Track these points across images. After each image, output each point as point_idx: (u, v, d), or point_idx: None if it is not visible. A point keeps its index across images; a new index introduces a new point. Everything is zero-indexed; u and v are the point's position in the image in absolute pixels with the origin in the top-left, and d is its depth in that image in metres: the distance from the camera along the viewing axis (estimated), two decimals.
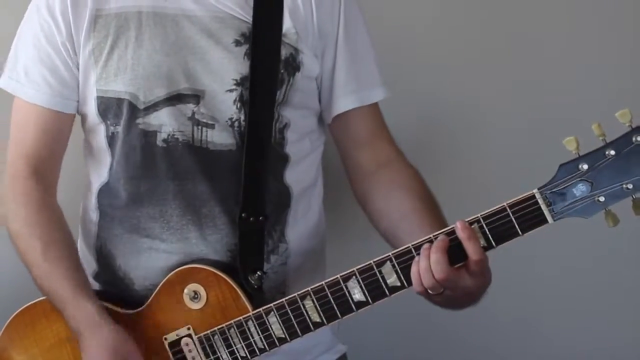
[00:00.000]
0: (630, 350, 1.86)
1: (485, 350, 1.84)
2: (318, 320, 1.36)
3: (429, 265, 1.28)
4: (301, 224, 1.53)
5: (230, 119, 1.45)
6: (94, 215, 1.54)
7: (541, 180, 1.27)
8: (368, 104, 1.53)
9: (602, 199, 1.24)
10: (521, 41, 1.80)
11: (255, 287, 1.43)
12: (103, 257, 1.53)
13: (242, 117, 1.45)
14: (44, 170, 1.52)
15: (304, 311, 1.36)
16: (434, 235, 1.30)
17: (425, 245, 1.30)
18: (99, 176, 1.53)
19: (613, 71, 1.80)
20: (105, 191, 1.52)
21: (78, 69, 1.48)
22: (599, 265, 1.82)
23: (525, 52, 1.80)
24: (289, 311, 1.37)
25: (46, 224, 1.47)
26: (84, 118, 1.53)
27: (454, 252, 1.29)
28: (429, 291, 1.30)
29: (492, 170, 1.74)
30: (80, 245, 1.59)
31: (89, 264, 1.56)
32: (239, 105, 1.45)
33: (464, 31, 1.80)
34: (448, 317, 1.79)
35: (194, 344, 1.42)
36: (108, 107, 1.47)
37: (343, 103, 1.52)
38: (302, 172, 1.53)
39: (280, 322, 1.38)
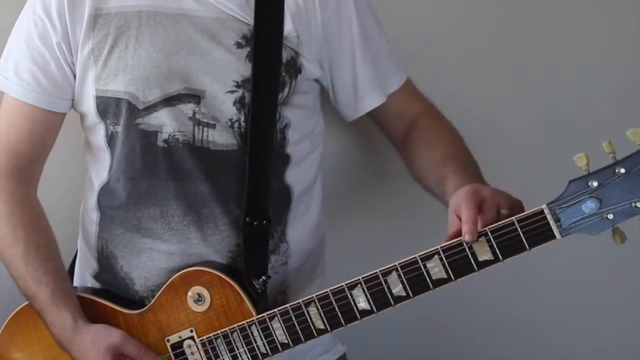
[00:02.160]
0: (632, 352, 1.87)
1: (486, 351, 1.85)
2: (322, 327, 1.36)
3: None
4: (301, 223, 1.53)
5: (230, 119, 1.44)
6: (95, 215, 1.53)
7: (549, 190, 1.27)
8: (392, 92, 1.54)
9: (610, 216, 1.24)
10: (528, 46, 1.78)
11: (260, 291, 1.43)
12: (104, 257, 1.52)
13: (242, 118, 1.44)
14: (28, 168, 1.50)
15: (308, 318, 1.36)
16: (441, 247, 1.30)
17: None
18: (99, 176, 1.52)
19: (622, 75, 1.79)
20: (105, 191, 1.51)
21: (72, 69, 1.47)
22: (601, 266, 1.83)
23: (533, 57, 1.78)
24: (292, 317, 1.37)
25: (30, 226, 1.47)
26: (82, 117, 1.52)
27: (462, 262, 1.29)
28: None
29: (498, 180, 1.73)
30: (81, 244, 1.59)
31: (89, 264, 1.56)
32: (238, 107, 1.44)
33: (470, 36, 1.78)
34: (449, 317, 1.81)
35: (197, 347, 1.42)
36: (107, 106, 1.46)
37: (370, 102, 1.54)
38: (303, 172, 1.53)
39: (283, 327, 1.38)
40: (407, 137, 1.55)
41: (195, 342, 1.42)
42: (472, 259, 1.29)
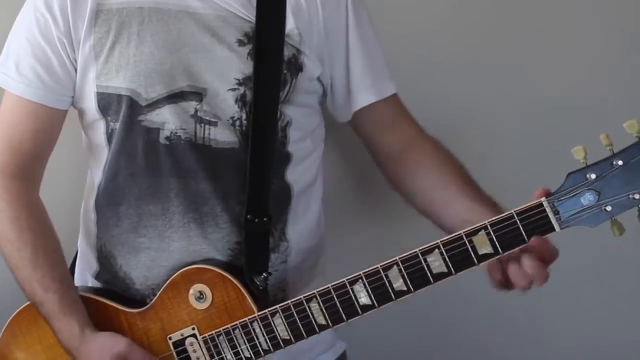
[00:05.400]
0: (631, 351, 1.88)
1: (486, 349, 1.85)
2: (323, 322, 1.37)
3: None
4: (301, 222, 1.54)
5: (232, 117, 1.45)
6: (93, 215, 1.53)
7: (546, 183, 1.28)
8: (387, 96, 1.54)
9: (609, 208, 1.25)
10: (529, 44, 1.80)
11: (261, 288, 1.44)
12: (104, 256, 1.52)
13: (244, 117, 1.45)
14: (31, 167, 1.50)
15: (310, 313, 1.37)
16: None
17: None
18: (99, 174, 1.51)
19: (619, 69, 1.81)
20: (105, 189, 1.51)
21: (74, 65, 1.46)
22: (600, 265, 1.84)
23: (534, 55, 1.79)
24: (294, 313, 1.38)
25: (37, 230, 1.46)
26: (82, 114, 1.52)
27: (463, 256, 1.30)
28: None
29: (497, 174, 1.75)
30: (81, 244, 1.59)
31: (90, 264, 1.56)
32: (240, 105, 1.45)
33: (470, 33, 1.80)
34: (449, 315, 1.81)
35: (199, 344, 1.43)
36: (108, 103, 1.46)
37: (363, 98, 1.53)
38: (303, 170, 1.54)
39: (285, 323, 1.38)
40: (403, 153, 1.55)
41: (197, 339, 1.43)
42: (472, 253, 1.30)
